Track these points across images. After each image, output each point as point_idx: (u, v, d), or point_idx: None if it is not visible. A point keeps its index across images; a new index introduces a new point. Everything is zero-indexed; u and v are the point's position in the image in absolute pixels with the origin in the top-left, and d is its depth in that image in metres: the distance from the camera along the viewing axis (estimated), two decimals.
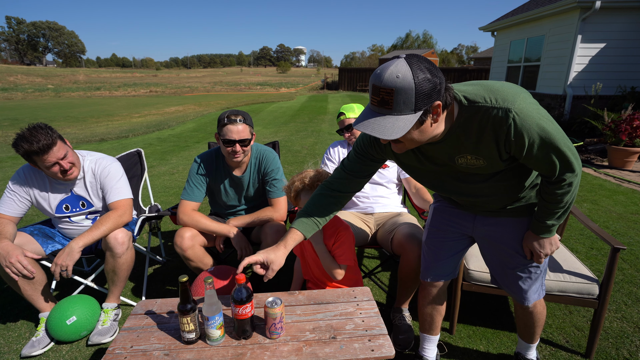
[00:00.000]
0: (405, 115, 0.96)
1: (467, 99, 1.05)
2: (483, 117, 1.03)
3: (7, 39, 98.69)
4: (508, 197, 1.28)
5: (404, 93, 0.93)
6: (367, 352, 1.17)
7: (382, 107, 0.97)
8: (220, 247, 2.03)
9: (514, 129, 1.01)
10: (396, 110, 0.95)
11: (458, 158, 1.16)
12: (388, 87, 0.93)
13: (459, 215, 1.47)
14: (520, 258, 1.36)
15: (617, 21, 7.55)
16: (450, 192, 1.35)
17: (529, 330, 1.55)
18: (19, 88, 28.71)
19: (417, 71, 0.93)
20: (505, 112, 1.00)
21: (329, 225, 1.62)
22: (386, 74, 0.93)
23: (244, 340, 1.25)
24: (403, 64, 0.93)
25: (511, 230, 1.35)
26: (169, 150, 6.81)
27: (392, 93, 0.93)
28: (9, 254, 1.67)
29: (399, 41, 76.51)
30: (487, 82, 1.08)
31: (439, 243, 1.52)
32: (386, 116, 0.97)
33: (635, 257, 2.71)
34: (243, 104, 16.73)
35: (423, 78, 0.93)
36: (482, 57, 34.65)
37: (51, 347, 1.87)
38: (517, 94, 1.02)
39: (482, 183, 1.23)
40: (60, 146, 1.78)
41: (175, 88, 30.77)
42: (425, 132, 1.04)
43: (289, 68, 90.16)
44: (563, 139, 1.04)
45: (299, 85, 34.77)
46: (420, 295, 1.62)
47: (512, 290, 1.45)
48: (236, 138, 1.89)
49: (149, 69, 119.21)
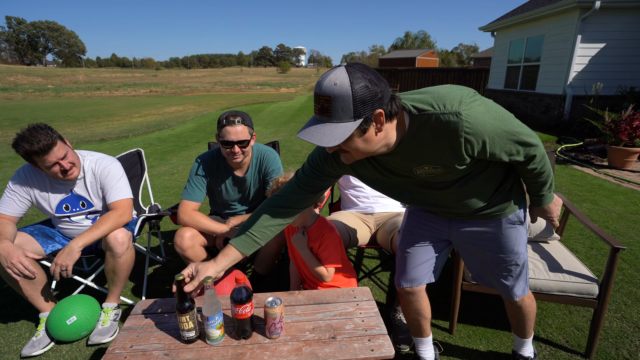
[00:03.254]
0: (344, 122, 0.95)
1: (416, 108, 1.04)
2: (434, 125, 1.02)
3: (7, 39, 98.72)
4: (476, 202, 1.26)
5: (341, 100, 0.93)
6: (367, 352, 1.17)
7: (322, 114, 0.97)
8: (220, 247, 2.03)
9: (471, 130, 1.00)
10: (335, 117, 0.95)
11: (416, 169, 1.15)
12: (326, 95, 0.94)
13: (433, 220, 1.45)
14: (499, 257, 1.37)
15: (617, 21, 7.55)
16: (419, 203, 1.34)
17: (520, 325, 1.56)
18: (19, 88, 28.72)
19: (356, 79, 0.92)
20: (456, 115, 0.99)
21: (313, 228, 1.62)
22: (325, 81, 0.94)
23: (244, 340, 1.25)
24: (342, 72, 0.94)
25: (487, 231, 1.35)
26: (169, 150, 6.81)
27: (330, 100, 0.93)
28: (10, 255, 1.67)
29: (399, 41, 76.51)
30: (433, 88, 1.07)
31: (413, 247, 1.48)
32: (326, 124, 0.96)
33: (635, 257, 2.71)
34: (243, 104, 16.73)
35: (361, 86, 0.93)
36: (482, 57, 34.64)
37: (51, 347, 1.87)
38: (463, 96, 1.01)
39: (446, 189, 1.22)
40: (60, 146, 1.78)
41: (175, 88, 30.77)
42: (370, 141, 1.02)
43: (289, 68, 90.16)
44: (514, 122, 1.06)
45: (299, 85, 34.78)
46: (400, 302, 1.59)
47: (497, 285, 1.46)
48: (234, 139, 1.88)
49: (149, 69, 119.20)
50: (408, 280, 1.49)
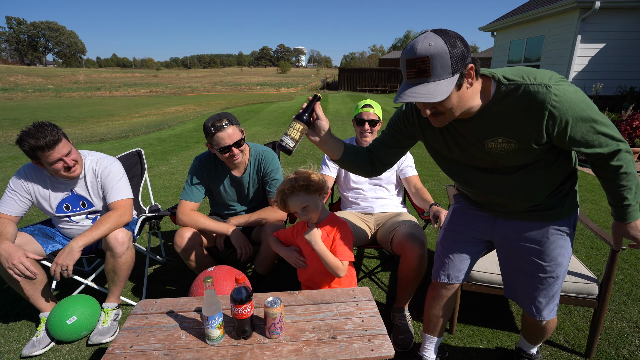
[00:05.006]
0: (445, 79, 1.00)
1: (505, 77, 1.08)
2: (522, 95, 1.05)
3: (7, 39, 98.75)
4: (531, 198, 1.25)
5: (439, 58, 0.98)
6: (367, 352, 1.17)
7: (419, 76, 1.01)
8: (220, 246, 2.03)
9: (557, 104, 1.02)
10: (434, 75, 1.00)
11: (488, 142, 1.16)
12: (423, 56, 0.98)
13: (478, 218, 1.45)
14: (539, 265, 1.31)
15: (617, 21, 7.55)
16: (473, 186, 1.33)
17: (535, 339, 1.54)
18: (20, 88, 28.74)
19: (447, 38, 0.98)
20: (546, 87, 1.02)
21: (326, 222, 1.62)
22: (418, 45, 0.99)
23: (244, 340, 1.25)
24: (431, 35, 0.99)
25: (533, 234, 1.31)
26: (169, 150, 6.81)
27: (428, 60, 0.98)
28: (11, 256, 1.67)
29: (399, 41, 76.49)
30: (524, 67, 1.11)
31: (453, 245, 1.50)
32: (426, 84, 1.01)
33: (635, 257, 2.71)
34: (243, 104, 16.73)
35: (453, 43, 0.99)
36: (482, 57, 34.58)
37: (51, 347, 1.87)
38: (554, 74, 1.06)
39: (507, 175, 1.22)
40: (65, 143, 1.80)
41: (175, 88, 30.79)
42: (463, 98, 1.07)
43: (289, 68, 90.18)
44: (599, 112, 1.07)
45: (299, 85, 34.78)
46: (429, 295, 1.60)
47: (527, 301, 1.39)
48: (230, 143, 1.88)
49: (149, 69, 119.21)
50: (447, 276, 1.52)
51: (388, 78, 25.35)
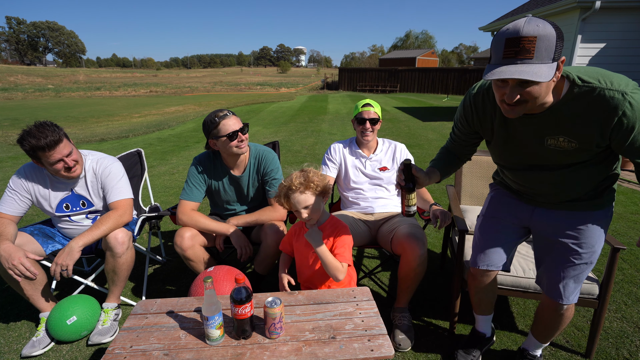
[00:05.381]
0: (546, 64, 0.98)
1: (581, 78, 1.08)
2: (596, 98, 1.06)
3: (7, 39, 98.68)
4: (574, 192, 1.30)
5: (546, 40, 0.96)
6: (367, 352, 1.17)
7: (520, 56, 0.98)
8: (220, 247, 2.03)
9: (629, 112, 1.03)
10: (537, 58, 0.98)
11: (549, 138, 1.18)
12: (531, 35, 0.96)
13: (517, 205, 1.49)
14: (575, 251, 1.35)
15: (617, 21, 7.55)
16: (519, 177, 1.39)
17: (549, 332, 1.54)
18: (20, 88, 28.74)
19: (553, 24, 0.98)
20: (622, 94, 1.03)
21: (326, 225, 1.62)
22: (524, 25, 0.97)
23: (244, 340, 1.25)
24: (537, 18, 0.98)
25: (571, 224, 1.35)
26: (169, 150, 6.81)
27: (535, 41, 0.96)
28: (11, 256, 1.67)
29: (399, 41, 76.47)
30: (590, 67, 1.13)
31: (493, 231, 1.53)
32: (529, 64, 0.98)
33: (635, 257, 2.71)
34: (243, 104, 16.73)
35: (558, 31, 0.98)
36: (482, 57, 34.63)
37: (51, 347, 1.87)
38: (630, 81, 1.07)
39: (555, 171, 1.26)
40: (66, 143, 1.80)
41: (175, 88, 30.78)
42: (548, 88, 1.06)
43: (289, 68, 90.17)
44: None
45: (299, 85, 34.78)
46: (470, 284, 1.64)
47: (553, 283, 1.41)
48: (237, 128, 1.92)
49: (149, 69, 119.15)
50: (485, 263, 1.53)
51: (388, 78, 25.35)
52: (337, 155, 2.29)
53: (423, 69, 24.67)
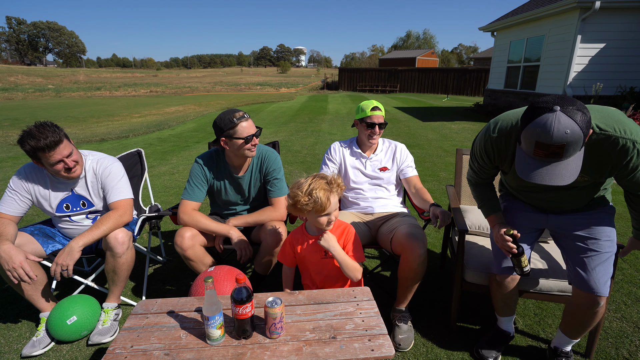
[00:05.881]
0: (574, 155, 1.13)
1: (599, 127, 1.24)
2: (611, 143, 1.24)
3: (7, 39, 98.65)
4: (582, 203, 1.51)
5: (574, 144, 1.08)
6: (367, 352, 1.17)
7: (551, 158, 1.12)
8: (220, 247, 2.03)
9: (636, 158, 1.25)
10: (566, 157, 1.12)
11: None
12: (559, 143, 1.07)
13: (531, 211, 1.65)
14: (594, 241, 1.48)
15: (617, 21, 7.55)
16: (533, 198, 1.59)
17: (581, 329, 1.57)
18: (20, 88, 28.74)
19: (577, 118, 1.05)
20: (633, 143, 1.23)
21: (335, 227, 1.62)
22: (554, 132, 1.06)
23: (244, 340, 1.25)
24: (564, 117, 1.06)
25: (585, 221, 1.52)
26: (169, 150, 6.82)
27: (564, 147, 1.08)
28: (11, 259, 1.67)
29: (400, 41, 76.45)
30: (608, 110, 1.28)
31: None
32: (557, 164, 1.14)
33: (635, 257, 2.71)
34: (243, 104, 16.73)
35: (582, 120, 1.06)
36: (482, 57, 34.64)
37: (52, 347, 1.87)
38: (637, 127, 1.25)
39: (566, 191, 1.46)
40: (66, 144, 1.79)
41: (175, 88, 30.79)
42: None
43: (289, 68, 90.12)
44: None
45: (299, 86, 34.79)
46: (493, 289, 1.70)
47: (586, 277, 1.46)
48: (253, 132, 1.93)
49: (149, 69, 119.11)
50: (506, 269, 1.61)
51: (388, 78, 25.36)
52: (337, 155, 2.29)
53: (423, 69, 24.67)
